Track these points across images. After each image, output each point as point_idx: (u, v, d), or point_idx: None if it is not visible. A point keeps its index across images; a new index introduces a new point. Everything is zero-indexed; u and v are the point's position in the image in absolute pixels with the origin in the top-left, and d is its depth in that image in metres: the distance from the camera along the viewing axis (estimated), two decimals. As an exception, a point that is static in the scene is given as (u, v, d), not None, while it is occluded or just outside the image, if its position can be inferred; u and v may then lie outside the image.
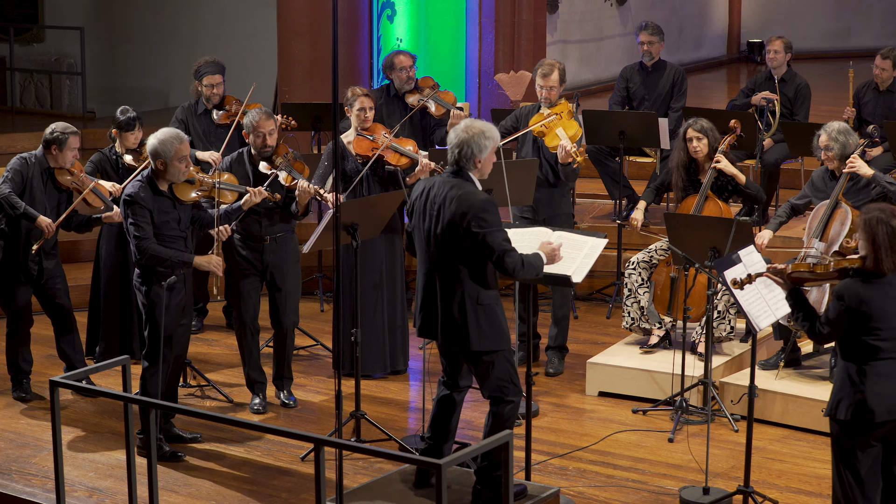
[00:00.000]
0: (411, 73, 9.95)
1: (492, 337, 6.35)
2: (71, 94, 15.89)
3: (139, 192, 7.19)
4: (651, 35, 10.94)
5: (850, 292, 5.70)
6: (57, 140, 8.07)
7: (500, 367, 6.39)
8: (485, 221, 6.21)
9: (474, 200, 6.24)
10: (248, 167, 8.00)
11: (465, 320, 6.32)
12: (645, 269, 8.67)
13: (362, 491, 6.66)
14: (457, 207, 6.24)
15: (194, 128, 9.42)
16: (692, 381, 8.06)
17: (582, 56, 15.92)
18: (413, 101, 9.83)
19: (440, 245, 6.34)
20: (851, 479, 5.78)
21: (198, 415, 6.65)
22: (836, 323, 5.72)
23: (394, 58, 10.01)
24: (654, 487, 7.11)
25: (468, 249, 6.27)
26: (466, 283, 6.32)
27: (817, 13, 18.87)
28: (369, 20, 12.34)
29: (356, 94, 8.51)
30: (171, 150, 7.16)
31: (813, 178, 8.43)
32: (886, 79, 10.62)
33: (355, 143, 8.47)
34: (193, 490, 7.08)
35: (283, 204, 8.02)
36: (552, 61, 8.73)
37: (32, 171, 8.10)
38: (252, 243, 8.04)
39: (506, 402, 6.46)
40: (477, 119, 6.55)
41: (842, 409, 5.73)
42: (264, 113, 7.97)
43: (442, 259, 6.35)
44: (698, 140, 8.60)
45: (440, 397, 6.66)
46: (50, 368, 8.77)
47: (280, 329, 8.16)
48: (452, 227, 6.26)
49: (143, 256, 7.20)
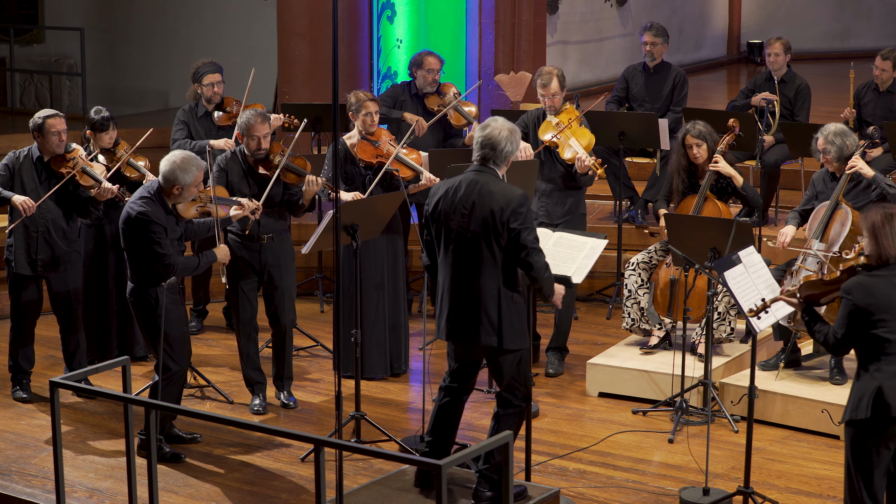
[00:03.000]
0: (436, 77, 10.04)
1: (522, 335, 6.41)
2: (71, 94, 15.90)
3: (151, 209, 7.12)
4: (655, 36, 10.94)
5: (856, 286, 5.72)
6: (37, 126, 8.08)
7: (521, 367, 6.43)
8: (523, 217, 6.24)
9: (512, 196, 6.26)
10: (242, 166, 7.99)
11: (501, 317, 6.32)
12: (644, 269, 8.67)
13: (362, 491, 6.66)
14: (495, 202, 6.24)
15: (196, 130, 9.42)
16: (692, 382, 8.06)
17: (582, 57, 15.93)
18: (431, 105, 9.92)
19: (473, 243, 6.31)
20: (863, 484, 5.75)
21: (198, 415, 6.65)
22: (848, 321, 5.73)
23: (424, 57, 10.11)
24: (654, 488, 7.11)
25: (504, 246, 6.27)
26: (502, 280, 6.32)
27: (817, 14, 18.87)
28: (369, 20, 12.34)
29: (361, 98, 8.49)
30: (191, 179, 7.12)
31: (813, 179, 8.44)
32: (886, 79, 10.62)
33: (359, 148, 8.46)
34: (193, 491, 7.08)
35: (287, 201, 8.02)
36: (550, 69, 8.74)
37: (22, 163, 8.10)
38: (249, 242, 8.03)
39: (514, 407, 6.47)
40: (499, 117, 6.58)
41: (861, 408, 5.72)
42: (259, 115, 7.94)
43: (476, 257, 6.32)
44: (698, 147, 8.59)
45: (442, 403, 6.64)
46: (50, 369, 8.77)
47: (279, 328, 8.16)
48: (489, 222, 6.25)
49: (174, 272, 7.16)
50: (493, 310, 6.32)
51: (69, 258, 8.24)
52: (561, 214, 8.71)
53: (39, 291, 8.33)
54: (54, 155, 8.11)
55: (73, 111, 14.91)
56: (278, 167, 7.88)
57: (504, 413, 6.47)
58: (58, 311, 8.31)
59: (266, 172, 7.91)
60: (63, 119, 8.15)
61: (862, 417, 5.71)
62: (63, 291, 8.24)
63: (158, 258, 7.12)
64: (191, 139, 9.35)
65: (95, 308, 8.74)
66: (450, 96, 10.03)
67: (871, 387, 5.70)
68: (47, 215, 8.13)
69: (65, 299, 8.25)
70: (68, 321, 8.29)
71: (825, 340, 5.84)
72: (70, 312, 8.28)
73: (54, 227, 8.16)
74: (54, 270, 8.19)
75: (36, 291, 8.30)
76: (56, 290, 8.25)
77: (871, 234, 5.75)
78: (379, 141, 8.47)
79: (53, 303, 8.30)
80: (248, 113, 7.96)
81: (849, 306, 5.71)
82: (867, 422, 5.71)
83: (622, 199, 10.58)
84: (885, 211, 5.78)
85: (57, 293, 8.25)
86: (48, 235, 8.15)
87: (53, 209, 8.15)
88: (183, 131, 9.41)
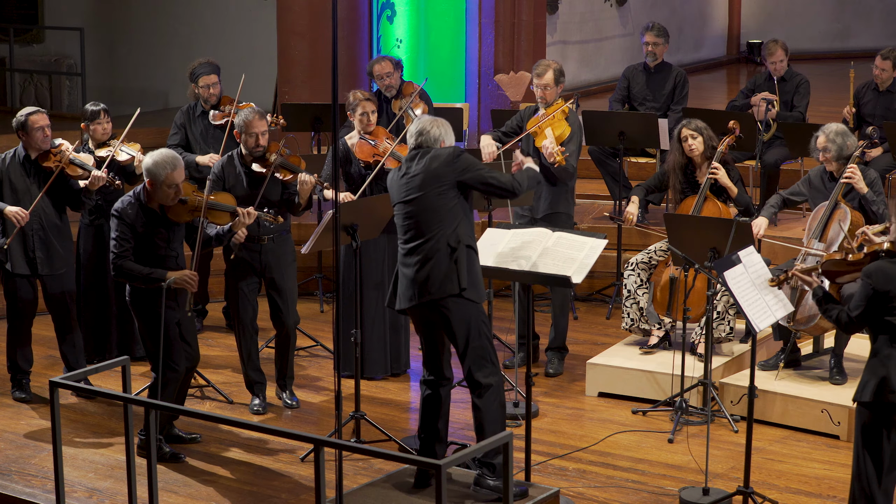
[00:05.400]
0: (389, 81, 10.00)
1: (477, 287, 6.56)
2: (71, 94, 15.89)
3: (126, 207, 7.15)
4: (656, 36, 10.95)
5: (877, 270, 5.80)
6: (20, 124, 8.09)
7: (479, 330, 6.54)
8: (466, 162, 6.55)
9: (445, 152, 6.58)
10: (239, 168, 7.99)
11: (458, 265, 6.49)
12: (644, 269, 8.67)
13: (362, 491, 6.67)
14: (437, 164, 6.53)
15: (192, 131, 9.42)
16: (692, 382, 8.06)
17: (582, 56, 15.93)
18: (396, 109, 9.86)
19: (424, 204, 6.53)
20: (872, 467, 5.82)
21: (198, 415, 6.66)
22: (865, 303, 5.80)
23: (372, 66, 10.10)
24: (654, 488, 7.11)
25: (454, 198, 6.54)
26: (454, 235, 6.51)
27: (817, 13, 18.87)
28: (369, 21, 12.35)
29: (358, 98, 8.50)
30: (161, 175, 7.10)
31: (810, 176, 8.42)
32: (886, 79, 10.62)
33: (358, 148, 8.47)
34: (193, 491, 7.08)
35: (286, 200, 8.02)
36: (548, 62, 8.75)
37: (9, 165, 8.10)
38: (250, 244, 8.03)
39: (484, 387, 6.53)
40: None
41: (867, 391, 5.81)
42: (256, 113, 7.95)
43: (429, 218, 6.53)
44: (693, 139, 8.60)
45: (426, 397, 6.73)
46: (50, 369, 8.77)
47: (283, 329, 8.16)
48: (438, 178, 6.52)
49: (118, 273, 7.18)
50: (450, 258, 6.49)
51: (64, 256, 8.24)
52: (544, 209, 8.65)
53: (35, 291, 8.32)
54: (41, 151, 8.10)
55: (72, 111, 14.90)
56: (273, 164, 7.89)
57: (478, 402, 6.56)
58: (53, 311, 8.30)
59: (262, 171, 7.91)
60: (45, 114, 8.16)
61: (866, 400, 5.80)
62: (58, 291, 8.23)
63: (110, 253, 7.19)
64: (183, 147, 9.32)
65: (95, 308, 8.74)
66: (406, 98, 9.93)
67: (879, 373, 5.79)
68: (41, 213, 8.12)
69: (60, 299, 8.25)
70: (64, 321, 8.28)
71: (837, 318, 5.94)
72: (66, 312, 8.28)
73: (48, 223, 8.15)
74: (52, 268, 8.19)
75: (31, 291, 8.29)
76: (51, 291, 8.24)
77: None
78: (376, 139, 8.48)
79: (49, 303, 8.29)
80: (246, 110, 7.97)
81: (867, 289, 5.79)
82: (872, 405, 5.80)
83: (621, 199, 10.58)
84: None
85: (52, 293, 8.24)
86: (43, 233, 8.14)
87: (47, 206, 8.14)
88: (178, 136, 9.40)
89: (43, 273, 8.19)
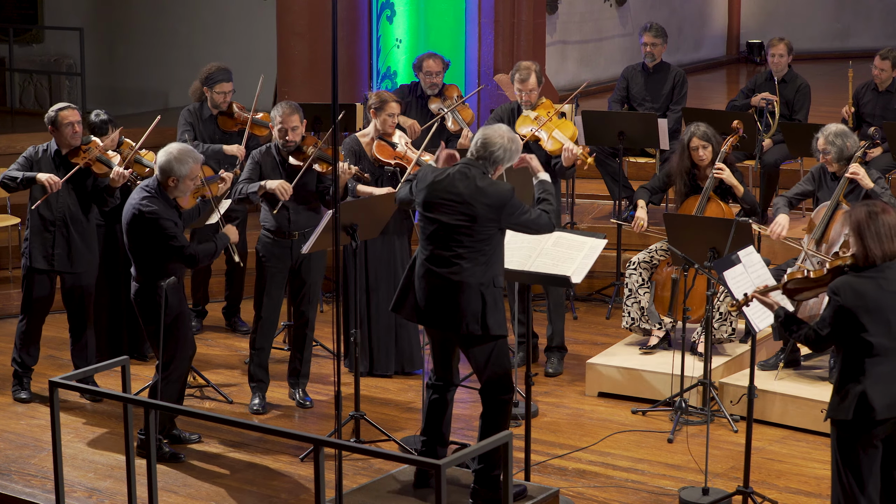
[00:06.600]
0: (436, 80, 10.06)
1: (503, 323, 6.41)
2: (70, 94, 15.89)
3: (159, 206, 7.13)
4: (655, 37, 10.95)
5: (844, 287, 5.62)
6: (51, 120, 8.15)
7: (502, 357, 6.44)
8: (516, 208, 6.32)
9: (502, 191, 6.31)
10: (276, 158, 8.05)
11: (485, 304, 6.31)
12: (646, 269, 8.67)
13: (362, 491, 6.67)
14: (486, 198, 6.26)
15: (200, 132, 9.43)
16: (692, 382, 8.06)
17: (581, 56, 15.93)
18: (434, 108, 9.90)
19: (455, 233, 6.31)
20: (853, 479, 5.72)
21: (197, 415, 6.66)
22: (833, 321, 5.64)
23: (423, 60, 10.12)
24: (654, 488, 7.11)
25: (495, 235, 6.36)
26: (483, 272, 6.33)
27: (817, 13, 18.86)
28: (369, 20, 12.33)
29: (385, 98, 8.47)
30: (186, 170, 7.13)
31: (812, 172, 8.45)
32: (886, 79, 10.63)
33: (377, 148, 8.44)
34: (193, 490, 7.08)
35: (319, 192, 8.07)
36: (528, 64, 8.80)
37: (41, 158, 8.17)
38: (281, 239, 8.05)
39: (499, 403, 6.48)
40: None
41: (843, 408, 5.67)
42: (289, 106, 8.02)
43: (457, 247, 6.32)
44: (704, 149, 8.60)
45: (431, 400, 6.67)
46: (50, 369, 8.77)
47: (302, 319, 8.16)
48: (476, 217, 6.27)
49: (196, 261, 7.22)
50: (475, 300, 6.31)
51: (85, 254, 8.25)
52: None
53: (52, 288, 8.33)
54: (71, 147, 8.14)
55: (72, 111, 14.90)
56: (311, 157, 7.93)
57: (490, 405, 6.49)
58: (70, 308, 8.32)
59: (298, 163, 7.97)
60: (77, 110, 8.21)
61: (843, 418, 5.68)
62: (77, 287, 8.24)
63: (178, 252, 7.14)
64: (199, 142, 9.35)
65: (107, 308, 8.74)
66: (451, 100, 10.00)
67: (855, 390, 5.64)
68: (65, 210, 8.16)
69: (78, 295, 8.26)
70: (79, 319, 8.29)
71: (806, 337, 5.77)
72: (81, 310, 8.29)
73: (72, 220, 8.18)
74: (69, 266, 8.20)
75: (49, 287, 8.30)
76: (69, 286, 8.25)
77: (857, 234, 5.64)
78: (397, 142, 8.48)
79: (66, 299, 8.31)
80: (281, 105, 8.07)
81: (835, 306, 5.63)
82: (851, 423, 5.67)
83: (621, 199, 10.58)
84: (868, 209, 5.65)
85: (70, 289, 8.26)
86: (65, 230, 8.17)
87: (73, 205, 8.18)
88: (190, 133, 9.41)
89: (60, 269, 8.21)
